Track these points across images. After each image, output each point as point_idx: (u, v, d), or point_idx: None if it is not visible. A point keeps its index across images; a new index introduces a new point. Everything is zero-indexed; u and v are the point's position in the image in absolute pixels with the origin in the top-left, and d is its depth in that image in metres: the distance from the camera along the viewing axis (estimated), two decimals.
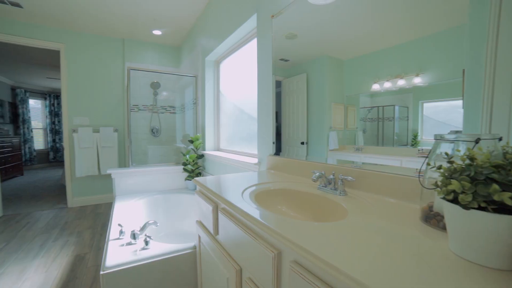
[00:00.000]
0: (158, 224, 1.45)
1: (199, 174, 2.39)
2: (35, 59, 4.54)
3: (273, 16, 1.46)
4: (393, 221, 0.66)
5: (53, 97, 7.29)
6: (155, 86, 3.61)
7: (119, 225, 1.45)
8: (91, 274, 1.82)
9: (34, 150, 6.92)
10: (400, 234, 0.58)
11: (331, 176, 0.98)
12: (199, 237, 1.23)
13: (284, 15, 1.40)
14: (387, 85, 0.94)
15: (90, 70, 3.45)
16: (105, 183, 3.59)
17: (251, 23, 1.76)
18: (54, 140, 7.37)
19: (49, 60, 4.55)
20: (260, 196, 1.00)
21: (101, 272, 1.17)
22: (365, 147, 1.05)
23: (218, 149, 2.52)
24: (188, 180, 2.38)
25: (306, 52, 1.33)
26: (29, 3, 2.63)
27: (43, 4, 2.66)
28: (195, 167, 2.37)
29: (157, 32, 3.35)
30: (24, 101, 6.55)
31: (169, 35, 3.47)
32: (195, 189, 2.42)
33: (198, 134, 2.41)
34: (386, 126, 0.98)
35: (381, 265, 0.45)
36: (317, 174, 0.97)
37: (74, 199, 3.42)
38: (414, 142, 0.87)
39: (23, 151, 6.45)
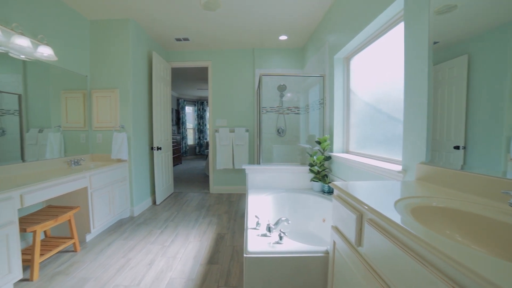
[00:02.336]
0: (290, 222, 1.53)
1: (325, 177, 2.35)
2: (191, 75, 5.94)
3: None
4: None
5: (199, 104, 9.31)
6: (282, 88, 3.88)
7: (256, 216, 1.63)
8: (229, 252, 2.17)
9: (187, 145, 9.10)
10: None
11: None
12: (334, 243, 1.19)
13: None
14: None
15: (228, 79, 4.13)
16: (237, 176, 4.20)
17: (395, 7, 1.53)
18: (199, 138, 9.42)
19: (200, 75, 5.83)
20: (419, 213, 0.84)
21: (245, 255, 1.35)
22: None
23: (347, 152, 2.38)
24: (313, 181, 2.39)
25: (470, 26, 1.00)
26: (193, 36, 3.56)
27: (201, 35, 3.51)
28: (321, 168, 2.35)
29: (283, 38, 3.58)
30: (183, 108, 8.73)
31: (293, 38, 3.62)
32: (321, 191, 2.39)
33: (326, 135, 2.37)
34: None
35: None
36: None
37: (214, 187, 4.22)
38: None
39: (181, 145, 8.62)
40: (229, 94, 4.14)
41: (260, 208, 2.05)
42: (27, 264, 1.80)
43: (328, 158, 2.38)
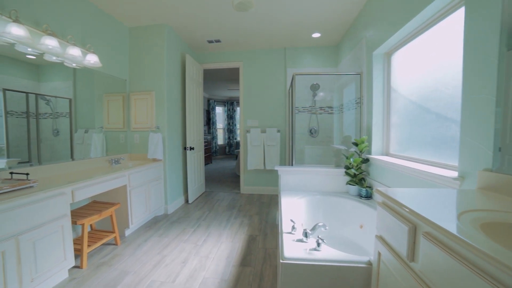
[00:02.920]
0: (327, 227, 1.44)
1: (362, 180, 2.21)
2: (222, 76, 6.04)
3: None
4: None
5: (229, 104, 9.45)
6: (315, 87, 3.76)
7: (292, 220, 1.57)
8: (261, 254, 2.13)
9: (217, 144, 9.29)
10: None
11: None
12: (379, 254, 1.09)
13: None
14: None
15: (259, 79, 4.11)
16: (268, 176, 4.16)
17: None
18: (229, 137, 9.57)
19: (231, 76, 5.90)
20: (492, 230, 0.71)
21: (281, 261, 1.30)
22: None
23: (387, 154, 2.20)
24: (350, 184, 2.25)
25: None
26: (224, 38, 3.60)
27: (232, 36, 3.53)
28: (358, 171, 2.21)
29: (316, 35, 3.46)
30: (213, 109, 8.93)
31: (327, 35, 3.48)
32: (357, 195, 2.25)
33: (363, 136, 2.22)
34: None
35: None
36: None
37: (245, 187, 4.23)
38: None
39: (212, 145, 8.83)
40: (260, 94, 4.11)
41: (294, 211, 1.98)
42: (77, 253, 1.96)
43: (366, 160, 2.22)
